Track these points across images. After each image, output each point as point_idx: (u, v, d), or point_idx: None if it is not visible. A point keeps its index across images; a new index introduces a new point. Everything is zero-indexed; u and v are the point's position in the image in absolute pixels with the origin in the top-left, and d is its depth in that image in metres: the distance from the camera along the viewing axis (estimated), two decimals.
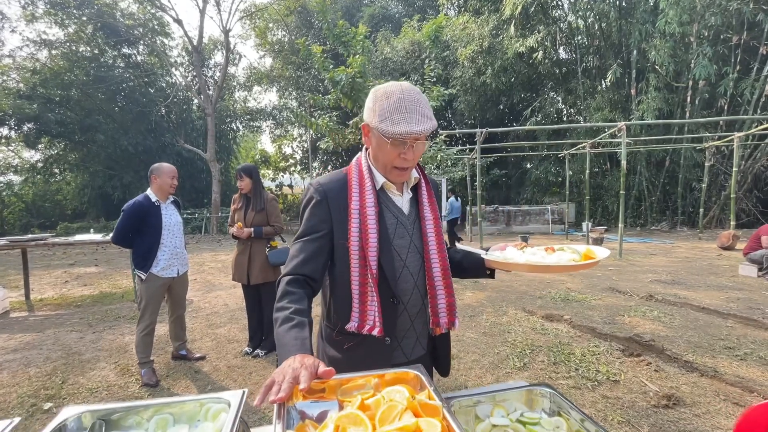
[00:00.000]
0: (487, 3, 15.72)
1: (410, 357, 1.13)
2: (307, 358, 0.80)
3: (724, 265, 6.77)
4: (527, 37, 13.86)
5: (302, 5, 19.77)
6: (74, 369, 3.19)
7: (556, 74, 16.05)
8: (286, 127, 26.69)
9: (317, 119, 6.65)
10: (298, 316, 0.90)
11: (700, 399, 2.52)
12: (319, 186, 1.07)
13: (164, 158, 19.76)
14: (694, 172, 13.22)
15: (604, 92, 14.23)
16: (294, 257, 1.03)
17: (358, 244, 1.02)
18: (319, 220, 1.04)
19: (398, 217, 1.09)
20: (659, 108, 12.26)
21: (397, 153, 0.99)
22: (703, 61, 11.26)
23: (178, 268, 3.07)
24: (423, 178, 1.15)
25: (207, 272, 7.40)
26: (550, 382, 2.80)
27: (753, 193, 12.77)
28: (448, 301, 1.09)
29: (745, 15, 11.19)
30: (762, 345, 3.30)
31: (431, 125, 0.97)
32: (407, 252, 1.08)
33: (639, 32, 12.47)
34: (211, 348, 3.58)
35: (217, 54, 23.72)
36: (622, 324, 3.92)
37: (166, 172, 2.97)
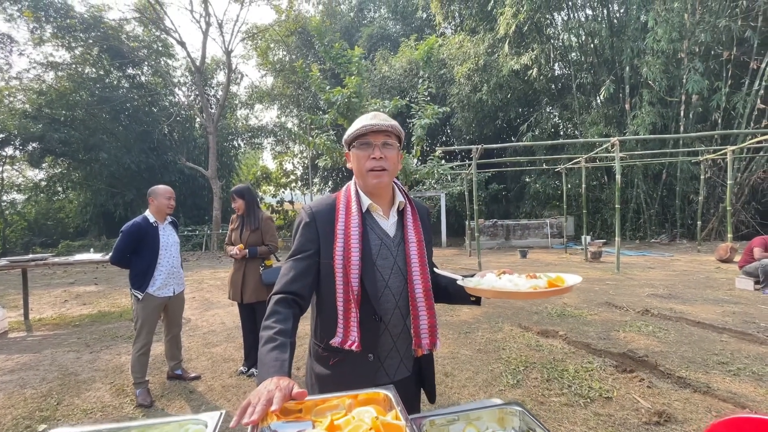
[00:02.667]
0: (482, 22, 16.11)
1: (394, 378, 1.16)
2: (283, 380, 0.85)
3: (722, 278, 6.76)
4: (522, 55, 14.16)
5: (302, 26, 20.30)
6: (70, 390, 3.20)
7: (551, 90, 16.32)
8: (287, 143, 27.02)
9: (315, 138, 6.78)
10: (281, 336, 0.96)
11: (692, 416, 2.53)
12: (309, 209, 1.17)
13: (166, 176, 20.00)
14: (691, 185, 13.29)
15: (599, 107, 14.45)
16: (284, 275, 1.10)
17: (342, 262, 1.09)
18: (307, 240, 1.12)
19: (382, 239, 1.16)
20: (653, 122, 12.43)
21: (366, 155, 1.11)
22: (695, 77, 11.47)
23: (174, 287, 3.12)
24: (409, 203, 1.22)
25: (206, 290, 7.43)
26: (542, 399, 2.81)
27: (751, 204, 12.80)
28: (429, 322, 1.14)
29: (734, 32, 11.45)
30: (755, 360, 3.31)
31: (389, 123, 1.11)
32: (390, 272, 1.14)
33: (630, 49, 12.74)
34: (207, 367, 3.59)
35: (219, 73, 24.24)
36: (616, 339, 3.92)
37: (162, 194, 3.06)
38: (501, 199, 19.02)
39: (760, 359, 3.32)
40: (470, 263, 9.92)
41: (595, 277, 7.22)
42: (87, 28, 17.61)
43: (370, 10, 24.93)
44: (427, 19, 21.18)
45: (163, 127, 20.46)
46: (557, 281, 1.01)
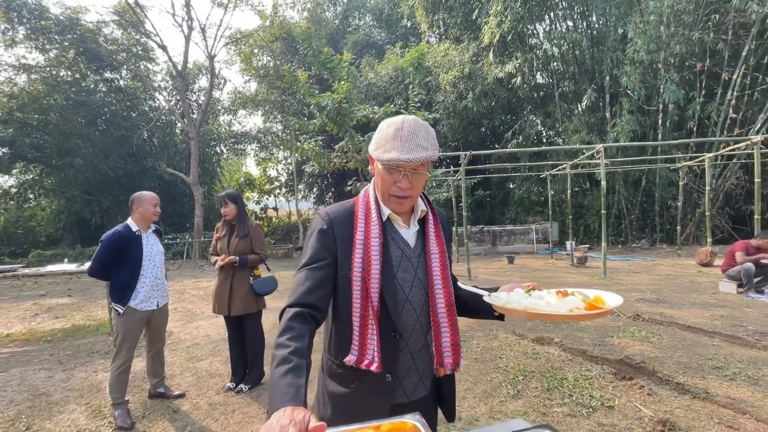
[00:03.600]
0: (466, 31, 16.36)
1: (412, 397, 1.08)
2: (298, 411, 0.74)
3: (705, 281, 6.92)
4: (506, 64, 14.41)
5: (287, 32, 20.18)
6: (41, 413, 2.96)
7: (534, 98, 16.64)
8: (271, 149, 26.69)
9: (302, 143, 6.66)
10: (296, 357, 0.85)
11: (695, 423, 2.50)
12: (326, 215, 1.07)
13: (145, 182, 19.41)
14: (669, 191, 13.70)
15: (581, 115, 14.79)
16: (299, 285, 1.00)
17: (360, 275, 1.01)
18: (324, 248, 1.03)
19: (403, 250, 1.08)
20: (633, 130, 12.78)
21: (393, 181, 1.01)
22: (671, 87, 11.87)
23: (158, 300, 2.94)
24: (431, 211, 1.13)
25: (188, 300, 7.14)
26: (544, 410, 2.74)
27: (725, 210, 13.27)
28: (452, 340, 1.06)
29: (707, 44, 11.93)
30: (749, 364, 3.33)
31: (424, 155, 0.97)
32: (411, 286, 1.06)
33: (610, 59, 13.13)
34: (192, 384, 3.39)
35: (202, 78, 23.82)
36: (611, 345, 3.91)
37: (148, 200, 2.89)
38: (486, 206, 19.19)
39: (754, 363, 3.35)
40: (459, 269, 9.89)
41: (583, 283, 7.27)
42: (62, 30, 17.02)
43: (354, 17, 25.04)
44: (412, 28, 21.40)
45: (143, 132, 19.88)
46: (597, 302, 0.92)
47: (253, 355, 3.25)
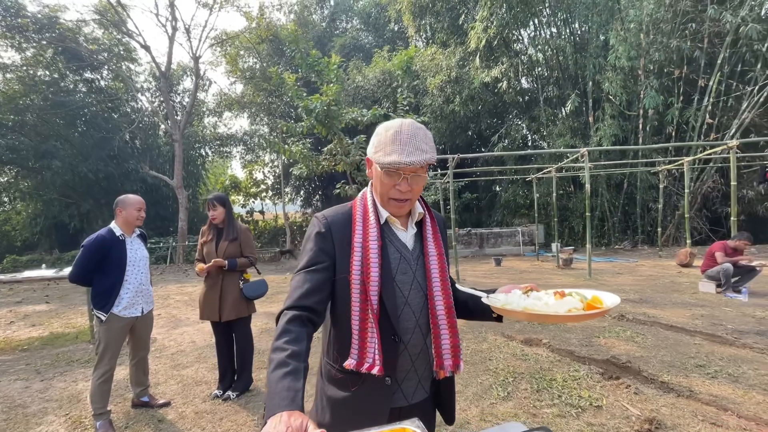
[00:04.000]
0: (453, 36, 16.53)
1: (411, 401, 1.08)
2: (295, 417, 0.73)
3: (685, 282, 7.11)
4: (492, 68, 14.61)
5: (274, 34, 20.05)
6: (17, 425, 2.84)
7: (519, 102, 16.90)
8: (258, 152, 26.42)
9: (290, 146, 6.60)
10: (294, 361, 0.83)
11: (680, 421, 2.55)
12: (323, 218, 1.07)
13: (127, 185, 18.98)
14: (649, 194, 14.06)
15: (565, 119, 15.08)
16: (297, 288, 0.98)
17: (359, 277, 1.00)
18: (322, 251, 1.02)
19: (402, 253, 1.07)
20: (615, 134, 13.10)
21: (392, 184, 1.01)
22: (651, 93, 12.23)
23: (143, 306, 2.86)
24: (428, 214, 1.14)
25: (172, 306, 6.98)
26: (534, 411, 2.76)
27: (703, 212, 13.70)
28: (452, 342, 1.05)
29: (684, 51, 12.34)
30: (729, 362, 3.43)
31: (424, 158, 0.98)
32: (410, 288, 1.06)
33: (593, 65, 13.44)
34: (177, 392, 3.30)
35: (186, 80, 23.47)
36: (598, 346, 3.98)
37: (132, 204, 2.81)
38: (473, 208, 19.37)
39: (733, 361, 3.45)
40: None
41: (569, 284, 7.39)
42: (40, 29, 16.55)
43: (342, 20, 25.06)
44: (399, 32, 21.53)
45: (125, 134, 19.45)
46: (595, 302, 0.93)
47: (241, 361, 3.19)
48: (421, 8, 16.78)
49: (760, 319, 4.63)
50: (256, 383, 3.37)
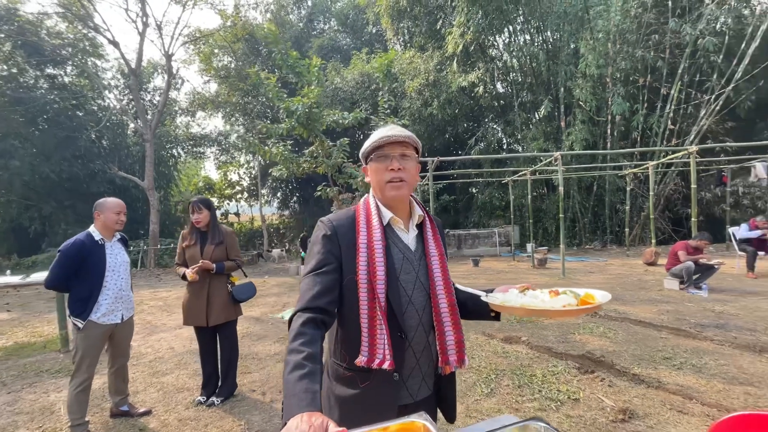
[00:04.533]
0: (431, 40, 16.78)
1: (416, 398, 1.12)
2: (316, 416, 0.76)
3: (651, 279, 7.51)
4: (469, 73, 14.93)
5: (250, 33, 19.71)
6: None
7: (495, 107, 17.34)
8: (233, 153, 25.86)
9: (271, 147, 6.54)
10: (310, 363, 0.86)
11: (650, 410, 2.72)
12: (328, 222, 1.11)
13: (93, 186, 18.16)
14: (617, 196, 14.74)
15: (538, 124, 15.60)
16: (308, 290, 1.01)
17: (366, 277, 1.04)
18: (329, 253, 1.06)
19: (404, 253, 1.12)
20: (585, 139, 13.68)
21: (385, 167, 1.08)
22: (618, 99, 12.84)
23: (123, 312, 2.77)
24: (427, 217, 1.19)
25: (147, 312, 6.75)
26: (517, 406, 2.87)
27: (665, 213, 14.48)
28: (456, 338, 1.10)
29: (648, 61, 13.04)
30: (693, 354, 3.67)
31: (406, 133, 1.10)
32: (413, 288, 1.10)
33: (564, 72, 13.98)
34: (158, 400, 3.22)
35: (157, 77, 22.70)
36: (574, 342, 4.15)
37: (111, 208, 2.73)
38: (450, 210, 19.68)
39: (696, 353, 3.69)
40: None
41: (544, 284, 7.65)
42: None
43: (319, 21, 24.94)
44: (377, 34, 21.64)
45: (91, 133, 18.58)
46: (588, 299, 1.01)
47: (227, 366, 3.14)
48: (399, 12, 16.95)
49: (719, 314, 4.96)
50: (241, 388, 3.33)
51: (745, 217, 11.15)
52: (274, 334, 4.99)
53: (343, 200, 7.27)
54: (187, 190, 26.60)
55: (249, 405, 3.06)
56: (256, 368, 3.84)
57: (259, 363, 3.98)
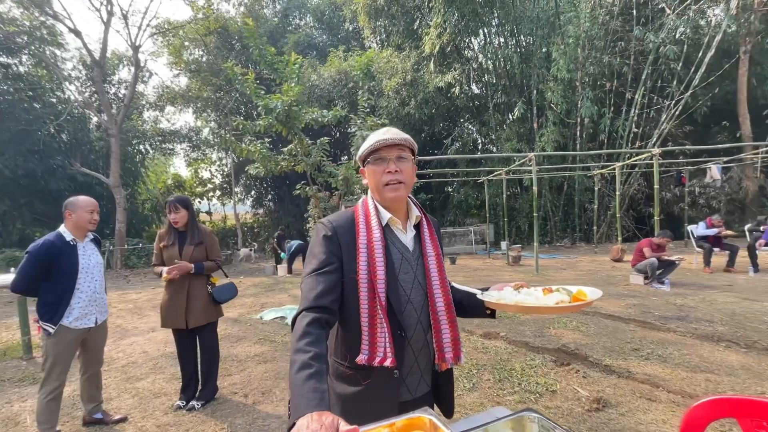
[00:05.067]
0: (408, 40, 16.88)
1: (415, 394, 1.15)
2: (326, 416, 0.77)
3: (618, 275, 7.89)
4: (445, 74, 15.13)
5: (222, 26, 19.15)
6: None
7: (471, 107, 17.66)
8: (204, 150, 25.07)
9: (248, 145, 6.39)
10: (317, 362, 0.87)
11: (622, 399, 2.87)
12: (328, 223, 1.13)
13: (53, 183, 17.17)
14: (585, 195, 15.36)
15: (512, 125, 16.01)
16: (311, 290, 1.02)
17: (366, 276, 1.06)
18: (331, 253, 1.08)
19: (403, 253, 1.15)
20: (556, 140, 14.17)
21: (382, 170, 1.11)
22: (587, 103, 13.38)
23: (97, 316, 2.66)
24: (424, 217, 1.22)
25: (116, 315, 6.46)
26: (498, 399, 2.96)
27: (629, 212, 15.23)
28: (452, 336, 1.14)
29: (614, 66, 13.65)
30: (658, 345, 3.89)
31: (402, 136, 1.12)
32: (411, 287, 1.13)
33: (537, 75, 14.43)
34: (134, 406, 3.10)
35: (123, 70, 21.68)
36: (549, 336, 4.32)
37: (83, 206, 2.60)
38: (427, 209, 19.81)
39: (661, 344, 3.92)
40: None
41: (519, 280, 7.87)
42: None
43: (295, 17, 24.53)
44: (354, 32, 21.53)
45: (50, 126, 17.51)
46: (580, 295, 1.06)
47: (208, 369, 3.07)
48: (376, 10, 16.94)
49: (680, 306, 5.28)
50: (222, 391, 3.26)
51: (700, 216, 11.92)
52: (253, 335, 4.91)
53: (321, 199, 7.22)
54: (156, 187, 25.60)
55: (231, 408, 3.00)
56: (237, 370, 3.77)
57: (240, 365, 3.91)
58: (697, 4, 12.28)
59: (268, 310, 6.19)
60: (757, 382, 3.02)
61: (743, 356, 3.53)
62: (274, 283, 9.27)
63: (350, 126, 6.93)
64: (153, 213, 24.18)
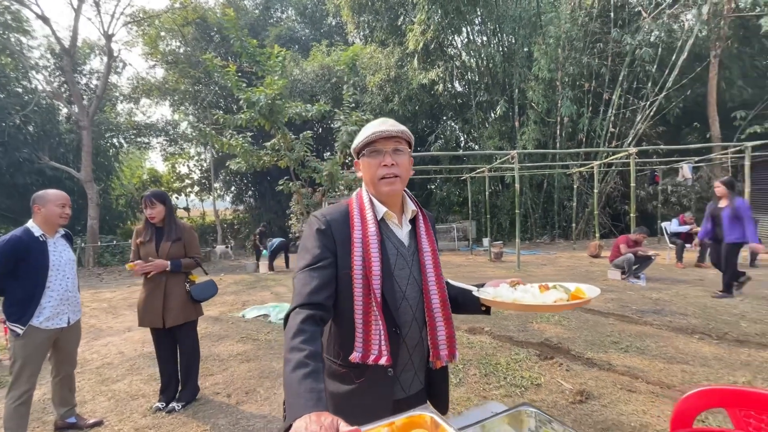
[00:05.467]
0: (391, 36, 16.81)
1: (409, 392, 1.13)
2: (325, 416, 0.73)
3: (596, 270, 8.11)
4: (429, 71, 15.16)
5: (201, 17, 18.60)
6: None
7: (454, 105, 17.77)
8: (182, 144, 24.34)
9: (229, 139, 6.23)
10: (312, 361, 0.83)
11: (604, 391, 2.94)
12: (322, 216, 1.08)
13: (19, 177, 16.33)
14: (564, 193, 15.72)
15: (494, 123, 16.20)
16: (305, 286, 0.97)
17: (361, 272, 1.03)
18: (325, 248, 1.03)
19: (398, 248, 1.12)
20: (537, 138, 14.43)
21: (378, 163, 1.07)
22: (567, 102, 13.67)
23: (69, 315, 2.53)
24: (420, 212, 1.18)
25: (89, 315, 6.20)
26: (484, 393, 2.98)
27: (606, 209, 15.68)
28: (448, 333, 1.11)
29: (593, 67, 13.98)
30: (636, 337, 4.01)
31: (398, 128, 1.09)
32: (407, 283, 1.10)
33: (519, 74, 14.63)
34: (110, 409, 2.97)
35: (95, 59, 20.78)
36: (533, 330, 4.39)
37: (54, 200, 2.46)
38: None
39: (639, 336, 4.04)
40: None
41: (501, 276, 7.98)
42: None
43: (276, 9, 24.06)
44: (338, 26, 21.31)
45: (15, 117, 16.61)
46: (578, 293, 1.05)
47: (187, 369, 2.97)
48: (360, 5, 16.79)
49: (656, 300, 5.47)
50: (203, 392, 3.16)
51: (672, 213, 12.38)
52: (235, 334, 4.80)
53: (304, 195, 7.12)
54: (131, 183, 24.73)
55: (214, 408, 2.92)
56: (219, 369, 3.67)
57: (222, 364, 3.81)
58: (671, 9, 12.70)
59: (251, 307, 6.07)
60: (729, 372, 3.15)
61: (715, 347, 3.68)
62: (256, 281, 9.11)
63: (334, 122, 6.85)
64: (128, 209, 23.37)
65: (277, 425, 2.64)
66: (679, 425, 1.19)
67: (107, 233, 18.36)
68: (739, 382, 2.95)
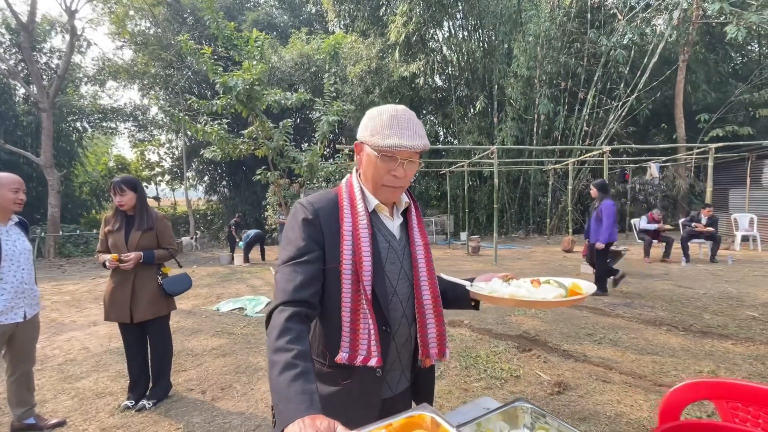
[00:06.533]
0: (373, 26, 16.57)
1: (396, 391, 1.08)
2: (320, 420, 0.68)
3: (570, 265, 8.35)
4: (410, 64, 15.06)
5: None
6: None
7: (434, 99, 17.77)
8: (152, 130, 23.31)
9: (204, 125, 5.97)
10: (302, 361, 0.77)
11: (580, 381, 3.01)
12: (309, 204, 1.00)
13: None
14: (540, 189, 16.10)
15: (474, 118, 16.32)
16: (289, 281, 0.90)
17: (350, 267, 0.96)
18: (312, 240, 0.96)
19: (390, 242, 1.05)
20: (515, 135, 14.65)
21: (387, 169, 0.98)
22: (544, 100, 13.93)
23: (26, 309, 2.35)
24: (413, 203, 1.12)
25: (50, 308, 5.85)
26: (465, 386, 2.99)
27: (578, 206, 16.19)
28: (438, 331, 1.07)
29: (570, 67, 14.29)
30: (609, 330, 4.14)
31: (422, 143, 0.98)
32: (397, 278, 1.04)
33: (498, 71, 14.76)
34: (73, 408, 2.80)
35: (56, 37, 19.48)
36: (511, 323, 4.46)
37: (6, 184, 2.27)
38: None
39: (612, 328, 4.18)
40: None
41: (479, 270, 8.11)
42: None
43: None
44: (317, 14, 20.83)
45: None
46: (575, 289, 1.03)
47: (159, 365, 2.82)
48: None
49: (626, 294, 5.68)
50: (176, 388, 3.03)
51: (640, 210, 12.92)
52: (209, 328, 4.63)
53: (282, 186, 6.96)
54: (96, 170, 23.51)
55: (187, 406, 2.79)
56: (192, 365, 3.53)
57: (196, 359, 3.66)
58: (644, 13, 13.11)
59: (225, 301, 5.89)
60: (695, 362, 3.30)
61: (682, 338, 3.84)
62: (231, 273, 8.86)
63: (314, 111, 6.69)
64: (92, 197, 22.23)
65: (254, 422, 2.56)
66: (667, 418, 1.20)
67: (70, 222, 17.40)
68: (704, 372, 3.09)
